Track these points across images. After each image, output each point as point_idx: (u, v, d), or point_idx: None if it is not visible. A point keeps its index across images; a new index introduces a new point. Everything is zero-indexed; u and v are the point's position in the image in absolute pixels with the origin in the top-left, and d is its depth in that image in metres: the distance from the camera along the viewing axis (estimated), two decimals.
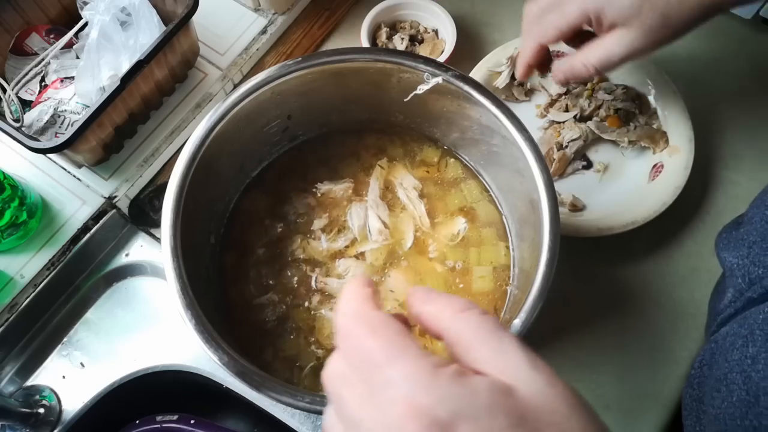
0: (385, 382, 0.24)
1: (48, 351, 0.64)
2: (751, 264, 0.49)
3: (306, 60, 0.53)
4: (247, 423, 0.75)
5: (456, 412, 0.23)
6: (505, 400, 0.24)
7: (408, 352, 0.25)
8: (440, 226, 0.60)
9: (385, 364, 0.25)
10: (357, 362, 0.26)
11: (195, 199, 0.50)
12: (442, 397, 0.23)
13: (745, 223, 0.53)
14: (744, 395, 0.42)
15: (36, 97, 0.64)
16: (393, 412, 0.24)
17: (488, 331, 0.26)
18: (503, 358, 0.26)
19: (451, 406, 0.23)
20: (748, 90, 0.74)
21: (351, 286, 0.28)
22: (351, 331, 0.26)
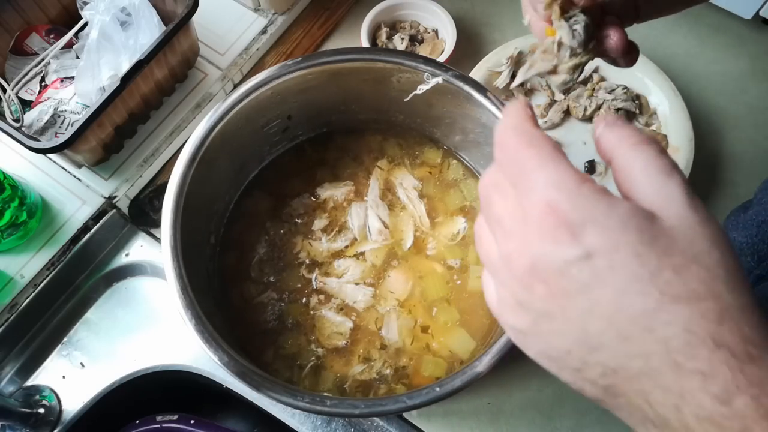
0: (532, 185, 0.27)
1: (48, 351, 0.64)
2: (761, 242, 0.49)
3: (306, 60, 0.53)
4: (247, 423, 0.75)
5: (589, 218, 0.25)
6: (642, 222, 0.25)
7: (559, 164, 0.27)
8: (440, 226, 0.60)
9: (536, 170, 0.27)
10: (510, 169, 0.28)
11: (195, 199, 0.50)
12: (580, 203, 0.25)
13: (754, 204, 0.54)
14: None
15: (36, 97, 0.64)
16: (533, 210, 0.26)
17: (658, 169, 0.27)
18: (663, 193, 0.27)
19: (586, 212, 0.25)
20: (748, 90, 0.74)
21: (513, 105, 0.30)
22: (509, 140, 0.28)
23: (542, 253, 0.26)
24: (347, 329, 0.56)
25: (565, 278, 0.25)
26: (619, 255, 0.25)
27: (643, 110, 0.70)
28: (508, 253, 0.27)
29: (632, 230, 0.25)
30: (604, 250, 0.25)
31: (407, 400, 0.43)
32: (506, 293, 0.28)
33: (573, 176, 0.26)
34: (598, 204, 0.26)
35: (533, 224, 0.26)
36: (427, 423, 0.59)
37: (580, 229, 0.25)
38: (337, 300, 0.57)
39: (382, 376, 0.55)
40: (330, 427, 0.60)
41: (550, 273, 0.26)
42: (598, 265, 0.25)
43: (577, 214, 0.25)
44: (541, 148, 0.27)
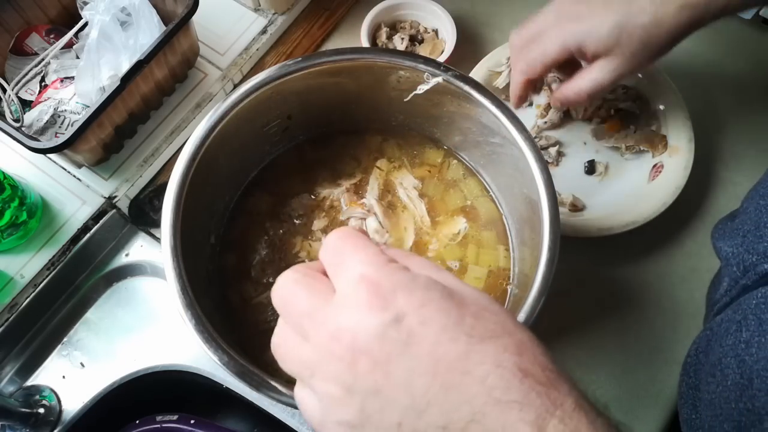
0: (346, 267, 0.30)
1: (48, 351, 0.64)
2: (746, 252, 0.49)
3: (306, 60, 0.53)
4: (247, 423, 0.75)
5: (397, 285, 0.28)
6: (440, 285, 0.29)
7: (370, 248, 0.30)
8: (441, 226, 0.60)
9: (351, 255, 0.30)
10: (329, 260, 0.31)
11: (195, 199, 0.50)
12: (389, 274, 0.29)
13: (740, 213, 0.54)
14: (738, 379, 0.43)
15: (36, 97, 0.64)
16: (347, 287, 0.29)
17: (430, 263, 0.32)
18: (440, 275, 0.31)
19: (394, 280, 0.28)
20: (748, 90, 0.74)
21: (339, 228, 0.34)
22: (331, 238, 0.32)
23: (360, 322, 0.28)
24: None
25: (384, 342, 0.27)
26: (427, 310, 0.28)
27: (643, 110, 0.70)
28: (327, 337, 0.28)
29: (433, 291, 0.29)
30: (413, 308, 0.28)
31: None
32: (329, 386, 0.29)
33: (381, 256, 0.30)
34: (403, 274, 0.29)
35: (348, 298, 0.28)
36: None
37: (391, 294, 0.28)
38: None
39: None
40: None
41: (369, 340, 0.27)
42: (410, 323, 0.27)
43: (386, 282, 0.28)
44: (357, 239, 0.31)
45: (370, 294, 0.28)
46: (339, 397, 0.28)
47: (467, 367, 0.27)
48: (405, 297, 0.28)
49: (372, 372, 0.27)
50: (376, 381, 0.27)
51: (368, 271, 0.29)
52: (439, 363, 0.27)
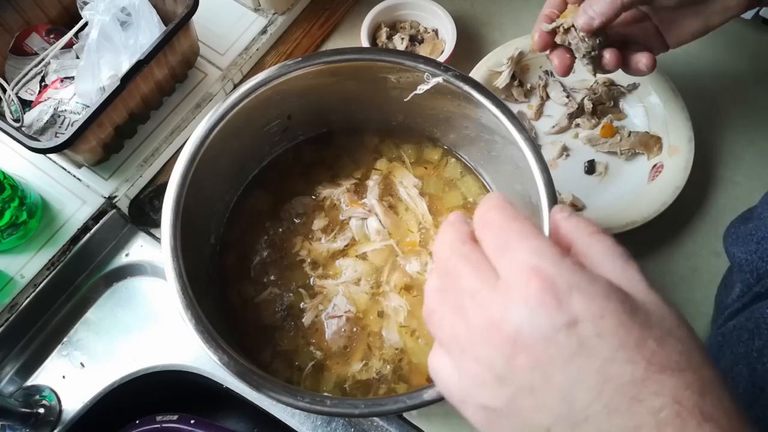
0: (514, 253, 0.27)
1: (48, 351, 0.64)
2: (759, 260, 0.49)
3: (306, 60, 0.53)
4: (247, 423, 0.75)
5: (575, 285, 0.25)
6: (621, 294, 0.26)
7: (542, 237, 0.27)
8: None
9: (519, 241, 0.27)
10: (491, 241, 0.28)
11: (195, 199, 0.50)
12: (564, 271, 0.26)
13: (754, 219, 0.54)
14: (750, 387, 0.43)
15: (36, 97, 0.64)
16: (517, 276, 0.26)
17: (617, 254, 0.28)
18: (625, 275, 0.27)
19: (571, 279, 0.25)
20: (748, 90, 0.74)
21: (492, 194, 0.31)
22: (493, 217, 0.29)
23: (527, 318, 0.25)
24: (347, 329, 0.56)
25: (551, 345, 0.25)
26: (606, 322, 0.25)
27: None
28: (487, 323, 0.26)
29: (615, 300, 0.25)
30: (590, 317, 0.25)
31: (407, 400, 0.43)
32: (479, 369, 0.27)
33: (556, 248, 0.27)
34: (581, 273, 0.26)
35: (516, 289, 0.26)
36: (427, 423, 0.59)
37: (565, 295, 0.25)
38: (337, 300, 0.57)
39: (382, 376, 0.55)
40: (330, 427, 0.60)
41: (535, 340, 0.25)
42: (585, 332, 0.25)
43: (562, 279, 0.25)
44: (524, 223, 0.28)
45: (544, 291, 0.25)
46: (488, 382, 0.27)
47: (641, 395, 0.24)
48: (582, 302, 0.25)
49: (530, 370, 0.25)
50: (532, 380, 0.25)
51: (541, 264, 0.26)
52: (608, 382, 0.24)
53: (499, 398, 0.26)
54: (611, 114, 0.71)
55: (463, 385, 0.28)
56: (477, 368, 0.27)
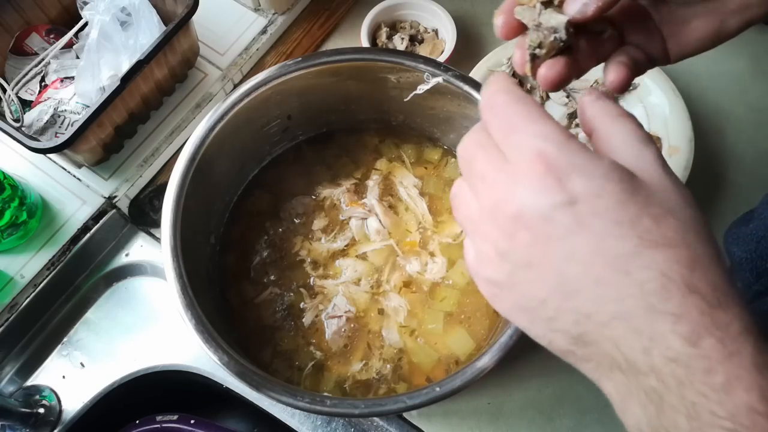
0: (521, 136, 0.28)
1: (48, 351, 0.64)
2: (759, 258, 0.49)
3: (306, 60, 0.53)
4: (247, 423, 0.75)
5: (575, 165, 0.26)
6: (624, 174, 0.27)
7: (547, 120, 0.28)
8: (443, 225, 0.60)
9: (525, 124, 0.28)
10: (499, 124, 0.29)
11: (195, 199, 0.50)
12: (567, 152, 0.27)
13: (754, 219, 0.54)
14: None
15: (36, 97, 0.64)
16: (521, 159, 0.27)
17: (636, 139, 0.29)
18: (641, 159, 0.28)
19: (572, 160, 0.26)
20: (749, 90, 0.74)
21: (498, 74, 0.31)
22: (498, 99, 0.29)
23: (528, 199, 0.27)
24: (347, 329, 0.56)
25: (549, 223, 0.26)
26: (602, 201, 0.26)
27: None
28: (494, 203, 0.28)
29: (615, 180, 0.26)
30: (588, 195, 0.26)
31: (407, 400, 0.43)
32: (486, 246, 0.29)
33: (561, 131, 0.27)
34: (584, 155, 0.27)
35: (521, 172, 0.27)
36: (427, 423, 0.59)
37: (566, 176, 0.26)
38: (337, 300, 0.57)
39: (382, 376, 0.55)
40: (330, 427, 0.60)
41: (535, 218, 0.27)
42: (581, 210, 0.26)
43: (564, 161, 0.26)
44: (530, 106, 0.28)
45: (545, 172, 0.26)
46: (492, 258, 0.29)
47: (629, 267, 0.25)
48: (582, 182, 0.26)
49: (528, 247, 0.27)
50: (530, 256, 0.27)
51: (546, 148, 0.27)
52: (599, 256, 0.26)
53: (502, 272, 0.28)
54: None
55: (475, 261, 0.30)
56: (483, 245, 0.29)
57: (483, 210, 0.29)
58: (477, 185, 0.29)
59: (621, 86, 0.39)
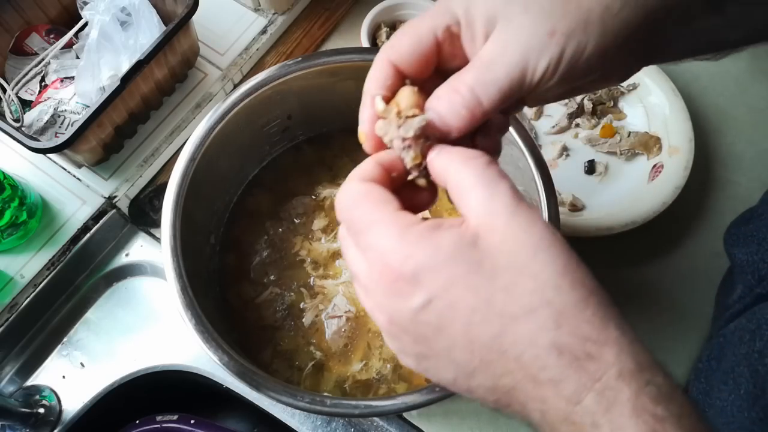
0: (366, 245, 0.29)
1: (48, 351, 0.64)
2: (761, 261, 0.49)
3: (306, 60, 0.53)
4: (247, 423, 0.75)
5: (419, 265, 0.27)
6: (467, 251, 0.27)
7: (382, 219, 0.28)
8: None
9: (365, 230, 0.29)
10: (349, 228, 0.30)
11: (195, 199, 0.50)
12: (408, 254, 0.27)
13: (754, 219, 0.53)
14: (751, 388, 0.43)
15: (36, 97, 0.64)
16: (374, 269, 0.28)
17: (485, 182, 0.28)
18: (487, 206, 0.27)
19: (415, 261, 0.27)
20: (748, 90, 0.74)
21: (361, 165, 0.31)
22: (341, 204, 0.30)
23: (393, 308, 0.28)
24: (347, 329, 0.56)
25: (419, 325, 0.28)
26: (455, 291, 0.27)
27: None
28: (371, 310, 0.30)
29: (460, 263, 0.27)
30: (440, 290, 0.27)
31: (407, 400, 0.43)
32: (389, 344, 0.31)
33: (396, 227, 0.28)
34: (424, 247, 0.27)
35: (378, 282, 0.28)
36: (427, 423, 0.59)
37: (414, 277, 0.27)
38: (337, 300, 0.57)
39: (382, 376, 0.55)
40: (330, 427, 0.60)
41: (405, 323, 0.28)
42: (439, 306, 0.27)
43: (408, 265, 0.27)
44: (365, 206, 0.29)
45: (396, 281, 0.27)
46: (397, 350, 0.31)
47: (502, 346, 0.26)
48: (430, 278, 0.27)
49: (415, 344, 0.29)
50: (421, 351, 0.29)
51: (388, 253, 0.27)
52: (475, 343, 0.27)
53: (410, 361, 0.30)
54: (611, 114, 0.71)
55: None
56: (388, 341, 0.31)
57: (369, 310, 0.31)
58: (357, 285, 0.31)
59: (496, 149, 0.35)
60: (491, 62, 0.30)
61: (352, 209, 0.29)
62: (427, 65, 0.32)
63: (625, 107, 0.71)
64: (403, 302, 0.27)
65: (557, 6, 0.29)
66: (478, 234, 0.27)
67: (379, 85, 0.32)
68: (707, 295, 0.63)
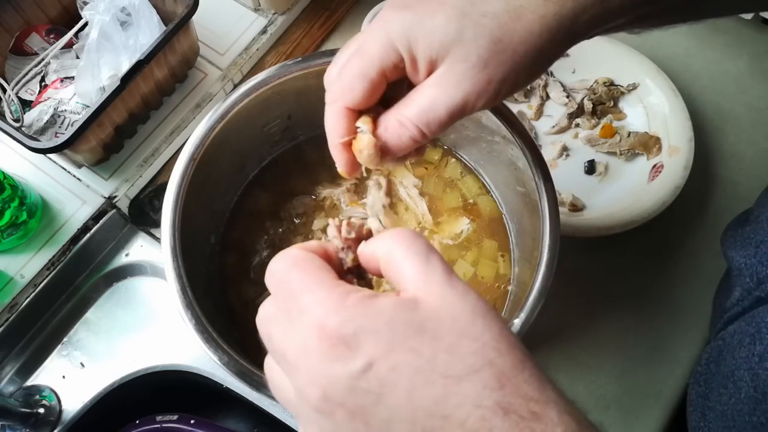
0: (300, 310, 0.27)
1: (48, 351, 0.64)
2: (759, 264, 0.49)
3: (306, 60, 0.53)
4: (247, 423, 0.75)
5: (360, 328, 0.26)
6: (407, 314, 0.26)
7: (322, 283, 0.28)
8: (444, 224, 0.60)
9: (301, 293, 0.28)
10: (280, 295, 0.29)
11: (195, 199, 0.50)
12: (348, 317, 0.26)
13: (751, 221, 0.53)
14: (752, 392, 0.42)
15: (36, 97, 0.64)
16: (308, 336, 0.27)
17: (415, 251, 0.28)
18: (423, 274, 0.28)
19: (355, 324, 0.26)
20: (748, 90, 0.74)
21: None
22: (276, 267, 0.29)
23: (328, 376, 0.26)
24: None
25: (357, 394, 0.26)
26: (396, 354, 0.26)
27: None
28: (301, 387, 0.27)
29: (400, 326, 0.26)
30: (381, 354, 0.26)
31: None
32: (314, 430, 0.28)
33: (337, 293, 0.27)
34: (364, 312, 0.26)
35: (312, 350, 0.27)
36: None
37: (354, 341, 0.26)
38: None
39: None
40: None
41: (342, 393, 0.26)
42: (381, 370, 0.26)
43: (347, 327, 0.26)
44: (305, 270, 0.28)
45: (334, 345, 0.26)
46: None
47: (446, 411, 0.25)
48: (370, 342, 0.26)
49: (351, 421, 0.26)
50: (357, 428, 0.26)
51: (325, 318, 0.26)
52: (417, 410, 0.26)
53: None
54: (611, 114, 0.71)
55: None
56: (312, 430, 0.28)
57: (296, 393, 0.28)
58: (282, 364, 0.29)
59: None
60: (435, 101, 0.35)
61: (289, 271, 0.29)
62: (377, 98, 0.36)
63: (625, 107, 0.71)
64: (342, 367, 0.26)
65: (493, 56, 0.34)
66: (417, 299, 0.27)
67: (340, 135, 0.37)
68: (707, 296, 0.63)
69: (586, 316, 0.64)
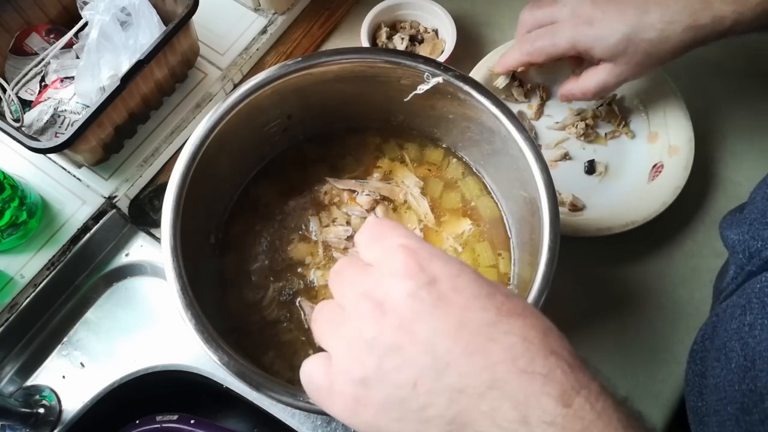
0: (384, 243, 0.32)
1: (48, 351, 0.64)
2: (751, 239, 0.50)
3: (306, 60, 0.53)
4: (247, 423, 0.75)
5: (434, 254, 0.31)
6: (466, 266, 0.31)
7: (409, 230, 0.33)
8: (446, 225, 0.60)
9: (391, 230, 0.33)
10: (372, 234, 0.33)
11: (195, 199, 0.50)
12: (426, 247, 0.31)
13: (747, 204, 0.54)
14: (742, 361, 0.43)
15: (36, 97, 0.64)
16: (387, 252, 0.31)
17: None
18: None
19: (431, 251, 0.31)
20: (748, 90, 0.74)
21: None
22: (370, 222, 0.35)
23: (394, 283, 0.30)
24: None
25: (415, 300, 0.29)
26: (461, 279, 0.30)
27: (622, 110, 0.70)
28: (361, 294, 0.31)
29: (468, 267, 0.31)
30: (447, 276, 0.30)
31: None
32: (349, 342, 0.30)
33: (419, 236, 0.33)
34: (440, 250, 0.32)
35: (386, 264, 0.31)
36: None
37: (426, 261, 0.30)
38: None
39: None
40: (330, 427, 0.60)
41: (402, 298, 0.29)
42: (442, 288, 0.29)
43: (425, 251, 0.31)
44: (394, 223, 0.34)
45: (408, 258, 0.30)
46: (357, 353, 0.30)
47: (493, 334, 0.28)
48: (441, 265, 0.30)
49: (397, 328, 0.29)
50: (398, 338, 0.29)
51: (408, 242, 0.31)
52: (465, 327, 0.28)
53: (369, 366, 0.29)
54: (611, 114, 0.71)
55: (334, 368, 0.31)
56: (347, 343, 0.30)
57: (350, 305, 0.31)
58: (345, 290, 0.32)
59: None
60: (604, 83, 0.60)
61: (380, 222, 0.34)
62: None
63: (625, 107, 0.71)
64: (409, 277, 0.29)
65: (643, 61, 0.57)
66: None
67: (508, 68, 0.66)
68: (707, 295, 0.63)
69: (586, 316, 0.64)
